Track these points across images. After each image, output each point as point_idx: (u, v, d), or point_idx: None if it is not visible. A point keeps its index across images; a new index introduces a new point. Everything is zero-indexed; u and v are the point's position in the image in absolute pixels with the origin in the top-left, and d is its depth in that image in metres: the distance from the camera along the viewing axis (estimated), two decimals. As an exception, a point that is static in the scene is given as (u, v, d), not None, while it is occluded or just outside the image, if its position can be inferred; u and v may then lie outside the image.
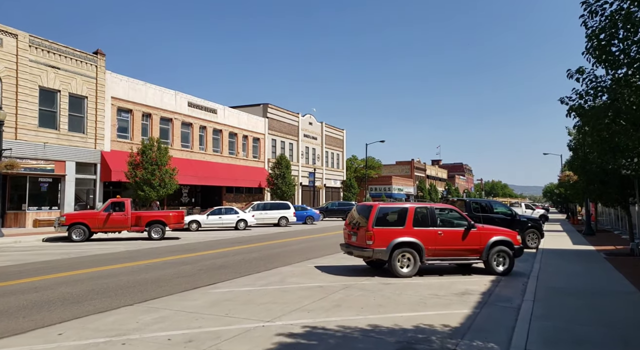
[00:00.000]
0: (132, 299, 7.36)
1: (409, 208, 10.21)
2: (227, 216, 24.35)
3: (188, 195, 33.89)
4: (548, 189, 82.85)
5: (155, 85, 29.72)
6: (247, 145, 38.90)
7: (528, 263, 12.26)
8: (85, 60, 24.56)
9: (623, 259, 12.10)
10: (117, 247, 15.51)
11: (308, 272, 10.21)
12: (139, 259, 12.42)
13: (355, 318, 6.26)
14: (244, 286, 8.51)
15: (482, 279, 9.76)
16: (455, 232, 10.25)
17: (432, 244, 10.02)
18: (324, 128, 52.17)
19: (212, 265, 11.12)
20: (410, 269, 9.86)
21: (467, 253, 10.26)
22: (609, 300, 7.35)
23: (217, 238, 19.33)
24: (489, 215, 16.21)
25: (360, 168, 69.05)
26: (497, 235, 10.46)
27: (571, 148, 14.12)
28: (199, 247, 15.48)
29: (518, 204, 41.95)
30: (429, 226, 10.12)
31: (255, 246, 16.00)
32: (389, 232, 9.87)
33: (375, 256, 9.80)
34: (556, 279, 9.35)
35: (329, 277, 9.65)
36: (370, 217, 9.91)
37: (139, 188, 23.88)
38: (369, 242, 9.76)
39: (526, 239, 16.24)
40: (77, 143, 24.17)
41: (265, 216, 27.43)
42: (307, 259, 12.51)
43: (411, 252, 9.84)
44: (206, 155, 33.94)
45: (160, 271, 10.23)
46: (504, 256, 10.40)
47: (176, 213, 18.73)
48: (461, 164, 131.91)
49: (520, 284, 9.23)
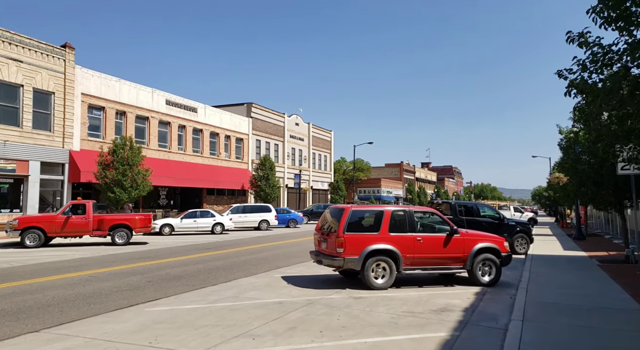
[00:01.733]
0: (43, 322, 6.13)
1: (385, 211, 9.14)
2: (203, 220, 23.06)
3: (166, 197, 32.48)
4: (537, 192, 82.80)
5: (131, 82, 28.34)
6: (230, 146, 37.60)
7: (516, 271, 11.27)
8: (52, 53, 23.12)
9: (618, 267, 11.18)
10: (72, 254, 14.17)
11: (271, 284, 9.06)
12: (87, 268, 11.14)
13: (309, 347, 5.14)
14: (190, 303, 7.33)
15: (466, 290, 8.72)
16: (437, 238, 9.20)
17: (410, 251, 8.95)
18: (311, 129, 51.08)
19: (165, 276, 9.90)
20: (386, 280, 8.77)
21: (450, 261, 9.22)
22: (609, 320, 6.34)
23: (187, 243, 18.07)
24: (475, 219, 15.24)
25: (349, 170, 68.10)
26: (483, 242, 9.44)
27: (562, 147, 13.21)
28: (161, 254, 14.22)
29: (506, 207, 41.29)
30: (407, 231, 9.06)
31: (225, 253, 14.80)
32: (362, 238, 8.78)
33: (346, 266, 8.69)
34: (547, 291, 8.34)
35: (293, 290, 8.51)
36: (341, 222, 8.81)
37: (109, 190, 22.48)
38: (340, 249, 8.65)
39: (515, 244, 15.31)
40: (43, 141, 22.69)
41: (245, 219, 26.18)
42: (276, 268, 11.37)
43: (387, 261, 8.76)
44: (185, 155, 32.59)
45: (101, 283, 8.99)
46: (490, 265, 9.38)
47: (143, 216, 17.43)
48: (451, 167, 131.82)
49: (507, 297, 8.21)
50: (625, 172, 10.37)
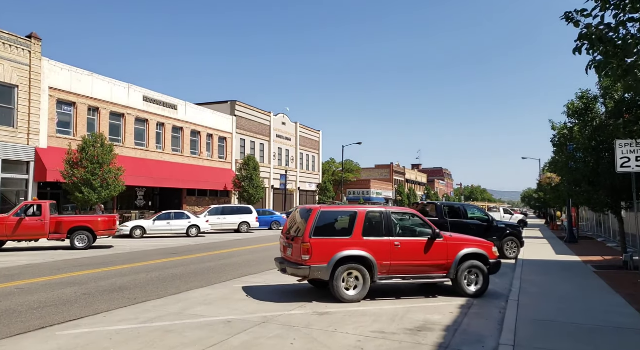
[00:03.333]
0: None
1: (358, 212, 8.02)
2: (177, 222, 21.74)
3: (144, 198, 31.05)
4: (527, 194, 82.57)
5: (104, 76, 26.91)
6: (212, 145, 36.25)
7: (506, 278, 10.25)
8: (16, 44, 21.65)
9: (616, 274, 10.21)
10: (18, 260, 12.82)
11: (228, 297, 7.88)
12: (23, 277, 9.83)
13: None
14: (119, 322, 6.12)
15: (449, 303, 7.64)
16: (417, 243, 8.11)
17: (387, 258, 7.85)
18: (298, 129, 49.91)
19: (107, 287, 8.65)
20: (359, 291, 7.66)
21: (431, 269, 8.14)
22: (620, 344, 5.28)
23: (156, 247, 16.77)
24: (462, 221, 14.22)
25: (338, 172, 67.05)
26: (469, 247, 8.37)
27: (555, 144, 12.24)
28: (120, 260, 12.94)
29: (496, 209, 40.54)
30: (383, 236, 7.96)
31: (191, 258, 13.56)
32: (332, 243, 7.65)
33: (312, 275, 7.55)
34: (542, 305, 7.29)
35: (251, 304, 7.34)
36: (307, 225, 7.68)
37: (77, 190, 21.09)
38: (305, 256, 7.50)
39: (504, 248, 14.32)
40: (5, 138, 21.20)
41: (223, 221, 24.89)
42: (240, 276, 10.18)
43: (360, 270, 7.65)
44: (164, 154, 31.20)
45: (25, 297, 7.71)
46: (477, 273, 8.32)
47: (107, 218, 16.09)
48: (441, 169, 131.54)
49: (496, 311, 7.14)
50: (626, 169, 9.40)
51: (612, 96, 10.75)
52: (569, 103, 11.59)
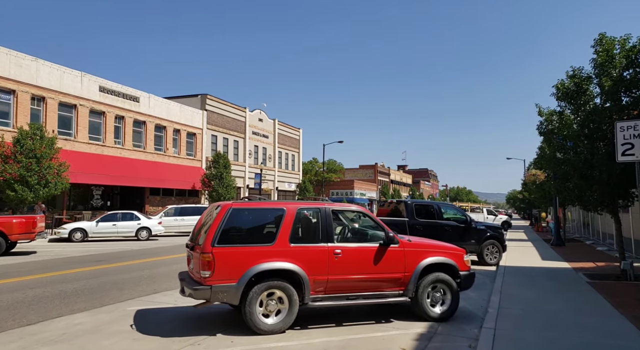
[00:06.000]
0: None
1: (287, 210, 5.99)
2: (125, 223, 19.41)
3: (101, 197, 28.53)
4: (511, 195, 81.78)
5: (52, 63, 24.40)
6: (180, 141, 33.86)
7: (483, 291, 8.37)
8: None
9: (614, 287, 8.41)
10: None
11: (101, 328, 5.76)
12: None
13: None
14: None
15: (404, 331, 5.69)
16: (364, 251, 6.14)
17: (323, 271, 5.85)
18: (276, 126, 47.74)
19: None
20: (281, 319, 5.63)
21: (384, 285, 6.17)
22: None
23: (88, 253, 14.49)
24: (437, 222, 12.34)
25: (321, 171, 65.05)
26: (433, 255, 6.44)
27: (542, 132, 10.43)
28: (24, 270, 10.68)
29: (479, 210, 39.02)
30: (319, 241, 5.96)
31: (116, 267, 11.36)
32: (246, 253, 5.60)
33: (215, 299, 5.46)
34: (526, 334, 5.37)
35: (121, 342, 5.25)
36: (211, 228, 5.62)
37: (9, 187, 18.64)
38: (205, 272, 5.44)
39: (484, 252, 12.50)
40: None
41: (181, 223, 22.63)
42: (152, 293, 8.06)
43: (284, 288, 5.63)
44: (124, 150, 28.73)
45: None
46: (443, 289, 6.39)
47: (23, 219, 13.74)
48: (426, 170, 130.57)
49: (464, 346, 5.20)
50: (628, 158, 7.60)
51: (610, 74, 8.97)
52: (559, 83, 9.80)
